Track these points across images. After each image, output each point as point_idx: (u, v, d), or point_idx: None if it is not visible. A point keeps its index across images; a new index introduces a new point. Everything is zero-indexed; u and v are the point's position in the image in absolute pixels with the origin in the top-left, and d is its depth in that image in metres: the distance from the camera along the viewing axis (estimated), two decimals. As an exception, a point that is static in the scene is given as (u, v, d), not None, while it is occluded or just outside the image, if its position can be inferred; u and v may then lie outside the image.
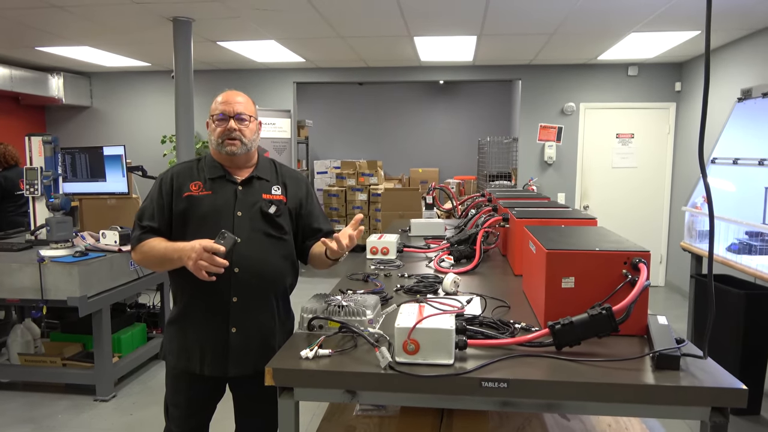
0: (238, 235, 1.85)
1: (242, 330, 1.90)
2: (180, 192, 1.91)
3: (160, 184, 1.95)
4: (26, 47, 5.82)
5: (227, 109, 1.90)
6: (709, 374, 1.39)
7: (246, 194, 1.95)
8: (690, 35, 5.12)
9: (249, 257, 1.89)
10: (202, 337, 1.90)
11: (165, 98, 7.32)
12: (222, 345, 1.89)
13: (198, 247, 1.70)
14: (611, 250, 1.66)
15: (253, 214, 1.93)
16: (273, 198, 1.97)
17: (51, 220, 3.47)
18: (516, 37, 5.38)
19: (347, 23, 4.84)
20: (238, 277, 1.87)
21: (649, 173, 6.87)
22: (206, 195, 1.91)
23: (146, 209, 1.94)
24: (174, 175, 1.95)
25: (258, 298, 1.92)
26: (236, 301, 1.89)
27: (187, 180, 1.94)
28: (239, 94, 1.95)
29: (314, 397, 1.50)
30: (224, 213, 1.90)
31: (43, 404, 3.51)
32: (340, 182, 8.55)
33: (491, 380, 1.37)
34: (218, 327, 1.89)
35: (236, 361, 1.89)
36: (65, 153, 4.04)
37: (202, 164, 1.99)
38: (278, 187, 2.01)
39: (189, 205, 1.90)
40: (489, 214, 2.96)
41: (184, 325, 1.93)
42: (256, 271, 1.90)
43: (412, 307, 1.62)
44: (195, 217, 1.89)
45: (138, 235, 1.91)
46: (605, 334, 1.52)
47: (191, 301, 1.90)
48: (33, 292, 3.27)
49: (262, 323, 1.94)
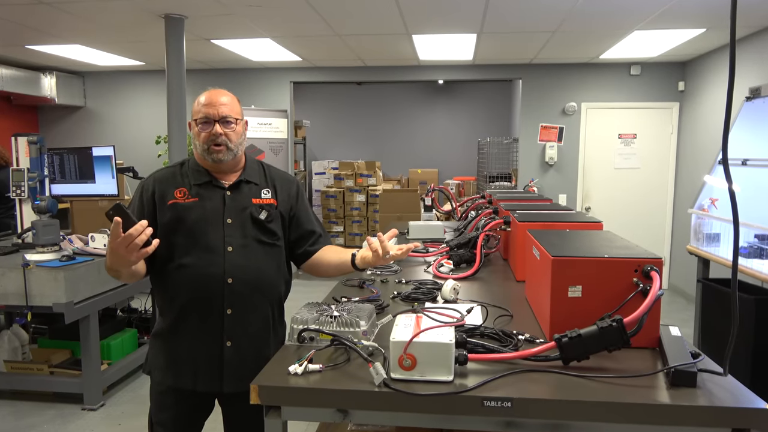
0: (229, 244, 1.76)
1: (237, 343, 1.79)
2: (164, 200, 1.79)
3: (141, 192, 1.82)
4: (17, 46, 5.72)
5: (211, 112, 1.76)
6: (728, 392, 1.29)
7: (235, 200, 1.83)
8: (694, 33, 5.02)
9: (242, 266, 1.78)
10: (194, 351, 1.78)
11: (159, 98, 7.21)
12: (216, 360, 1.78)
13: (109, 241, 1.55)
14: (621, 257, 1.56)
15: (243, 221, 1.81)
16: (263, 202, 1.86)
17: (37, 223, 3.36)
18: (517, 35, 5.29)
19: (344, 21, 4.75)
20: (232, 287, 1.76)
21: (652, 174, 6.78)
22: (193, 202, 1.79)
23: None
24: (156, 182, 1.83)
25: (253, 309, 1.82)
26: (230, 313, 1.78)
27: (171, 187, 1.81)
28: (223, 93, 1.81)
29: (303, 417, 1.40)
30: (213, 221, 1.79)
31: (29, 414, 3.41)
32: (338, 183, 8.45)
33: (494, 399, 1.27)
34: (212, 341, 1.78)
35: (231, 376, 1.79)
36: (53, 154, 3.93)
37: (186, 169, 1.86)
38: (268, 190, 1.90)
39: (175, 213, 1.77)
40: (490, 217, 2.86)
41: (173, 339, 1.81)
42: (250, 281, 1.79)
43: (409, 318, 1.52)
44: (183, 226, 1.76)
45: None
46: (615, 348, 1.42)
47: (182, 313, 1.78)
48: (18, 298, 3.16)
49: (257, 335, 1.84)
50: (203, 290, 1.75)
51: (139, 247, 1.54)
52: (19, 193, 3.54)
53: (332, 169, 9.20)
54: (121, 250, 1.54)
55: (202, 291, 1.75)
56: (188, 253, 1.75)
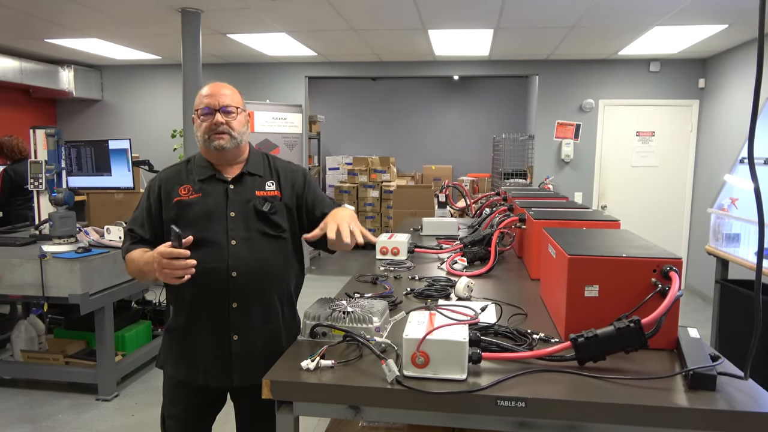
0: (232, 237, 1.76)
1: (244, 337, 1.79)
2: (169, 198, 1.81)
3: (148, 192, 1.87)
4: (36, 39, 5.79)
5: (212, 102, 1.78)
6: (748, 396, 1.26)
7: (238, 193, 1.83)
8: (717, 29, 4.93)
9: (246, 260, 1.77)
10: (203, 346, 1.79)
11: (176, 92, 7.23)
12: (224, 354, 1.79)
13: (156, 256, 1.60)
14: (640, 256, 1.53)
15: (247, 214, 1.81)
16: (267, 194, 1.84)
17: (54, 215, 3.39)
18: (534, 31, 5.23)
19: (360, 15, 4.73)
20: (236, 281, 1.76)
21: (670, 173, 6.67)
22: (196, 198, 1.80)
23: (136, 218, 1.88)
24: (162, 181, 1.86)
25: (259, 303, 1.81)
26: (236, 307, 1.77)
27: (176, 185, 1.83)
28: (224, 85, 1.83)
29: (315, 412, 1.40)
30: (216, 215, 1.79)
31: (44, 403, 3.45)
32: (352, 179, 8.44)
33: (508, 399, 1.25)
34: (219, 335, 1.78)
35: (240, 370, 1.79)
36: (70, 146, 3.96)
37: (191, 166, 1.88)
38: (272, 182, 1.88)
39: (180, 210, 1.79)
40: (504, 214, 2.83)
41: (183, 334, 1.82)
42: (254, 274, 1.78)
43: (422, 315, 1.51)
44: (187, 223, 1.77)
45: (127, 246, 1.85)
46: (632, 349, 1.39)
47: (190, 308, 1.79)
48: (34, 289, 3.20)
49: (265, 329, 1.83)
50: (208, 285, 1.75)
51: (173, 276, 1.59)
52: (37, 185, 3.58)
53: (346, 164, 9.20)
54: (163, 268, 1.59)
55: (207, 286, 1.75)
56: (193, 249, 1.73)
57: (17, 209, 4.97)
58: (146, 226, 1.85)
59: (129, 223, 1.89)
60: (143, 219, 1.85)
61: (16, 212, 4.94)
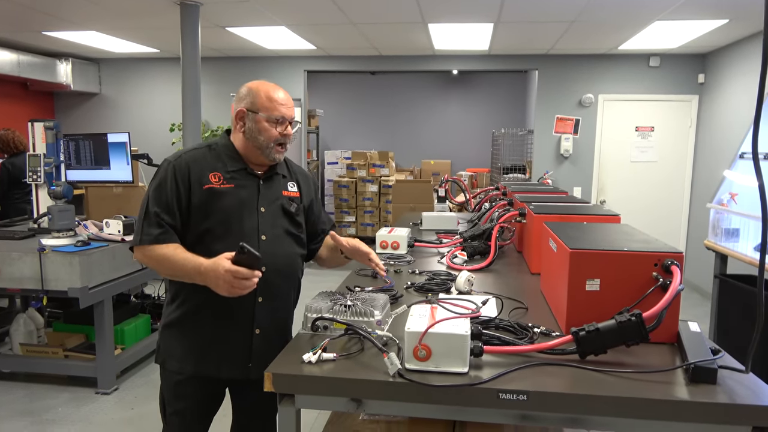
0: (262, 232, 1.77)
1: (265, 331, 1.80)
2: (200, 182, 1.72)
3: (174, 172, 1.71)
4: (34, 32, 5.75)
5: (288, 113, 1.78)
6: (749, 390, 1.27)
7: (269, 189, 1.84)
8: (717, 24, 4.92)
9: (275, 255, 1.78)
10: (219, 338, 1.75)
11: (174, 86, 7.19)
12: (245, 347, 1.77)
13: (228, 277, 1.53)
14: (641, 250, 1.53)
15: (274, 211, 1.83)
16: (291, 195, 1.90)
17: (53, 208, 3.38)
18: (534, 25, 5.22)
19: (359, 9, 4.71)
20: (264, 276, 1.67)
21: (669, 168, 6.68)
22: (228, 188, 1.75)
23: (159, 200, 1.69)
24: (189, 163, 1.74)
25: (281, 298, 1.85)
26: (261, 302, 1.77)
27: (206, 170, 1.75)
28: (287, 93, 1.83)
29: (317, 405, 1.40)
30: (248, 208, 1.77)
31: (43, 396, 3.45)
32: (351, 173, 8.42)
33: (509, 392, 1.26)
34: (241, 328, 1.76)
35: (258, 363, 1.73)
36: (69, 140, 3.94)
37: (218, 153, 1.80)
38: (293, 183, 1.93)
39: (210, 197, 1.72)
40: (504, 209, 2.83)
41: (193, 326, 1.76)
42: (281, 270, 1.81)
43: (423, 308, 1.51)
44: (217, 212, 1.72)
45: (156, 235, 1.67)
46: (634, 343, 1.40)
47: (207, 302, 1.70)
48: (33, 282, 3.19)
49: (283, 323, 1.88)
50: None
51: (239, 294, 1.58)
52: (36, 179, 3.56)
53: (345, 158, 9.17)
54: (233, 287, 1.55)
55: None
56: (221, 240, 1.71)
57: (15, 203, 4.96)
58: (176, 213, 1.71)
59: (153, 205, 1.69)
60: (172, 205, 1.70)
61: (14, 206, 4.93)
